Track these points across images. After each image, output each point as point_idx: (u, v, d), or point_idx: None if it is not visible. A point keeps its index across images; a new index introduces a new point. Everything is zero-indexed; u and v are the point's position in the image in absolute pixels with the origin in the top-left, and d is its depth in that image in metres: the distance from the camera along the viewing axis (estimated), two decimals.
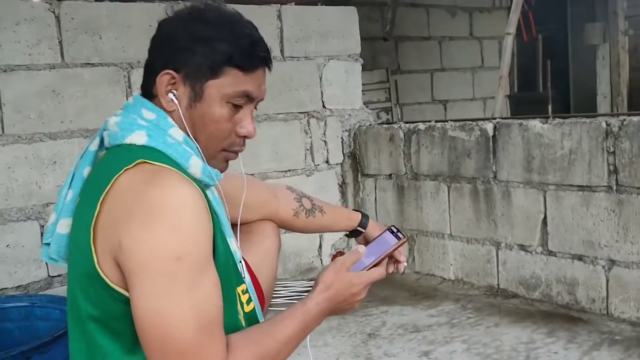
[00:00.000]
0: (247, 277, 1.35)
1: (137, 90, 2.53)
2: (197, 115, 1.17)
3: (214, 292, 1.07)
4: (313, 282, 1.25)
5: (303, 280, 2.88)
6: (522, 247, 2.52)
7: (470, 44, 5.58)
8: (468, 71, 5.56)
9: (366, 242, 1.50)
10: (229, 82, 1.16)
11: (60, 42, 2.36)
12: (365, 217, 1.58)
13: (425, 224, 2.85)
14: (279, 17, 2.91)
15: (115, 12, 2.46)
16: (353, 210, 1.63)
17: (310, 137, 3.03)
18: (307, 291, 2.57)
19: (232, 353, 1.07)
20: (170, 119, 1.17)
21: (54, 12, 2.34)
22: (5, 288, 2.26)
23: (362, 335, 2.27)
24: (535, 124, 2.41)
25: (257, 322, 1.32)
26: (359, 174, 3.13)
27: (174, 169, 1.09)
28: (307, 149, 3.02)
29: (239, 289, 1.28)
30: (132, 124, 1.15)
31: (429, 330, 2.27)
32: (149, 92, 1.19)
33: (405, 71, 5.12)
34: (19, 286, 2.29)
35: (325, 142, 3.07)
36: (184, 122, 1.17)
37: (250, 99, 1.20)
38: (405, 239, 1.34)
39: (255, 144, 2.80)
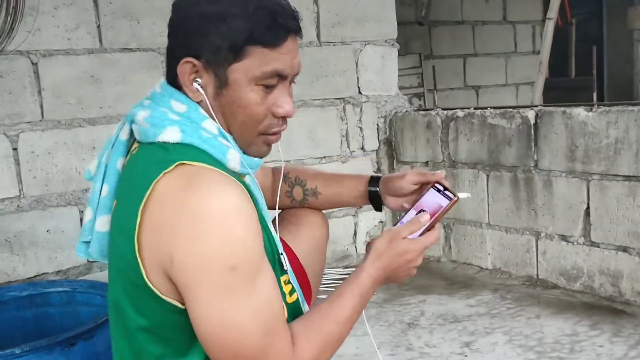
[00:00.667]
0: (289, 267, 1.33)
1: None
2: (226, 102, 1.08)
3: (273, 290, 1.04)
4: (348, 269, 1.23)
5: (338, 267, 2.86)
6: (563, 238, 2.47)
7: (503, 28, 5.47)
8: (501, 56, 5.46)
9: (406, 203, 1.37)
10: (255, 63, 1.06)
11: (98, 26, 2.35)
12: (374, 179, 1.43)
13: (462, 212, 2.81)
14: (316, 1, 2.87)
15: None
16: (364, 175, 1.48)
17: (346, 124, 2.99)
18: (343, 279, 2.54)
19: (297, 346, 1.05)
20: (201, 110, 1.09)
21: None
22: (45, 273, 2.28)
23: (401, 324, 2.24)
24: (580, 112, 2.34)
25: (301, 313, 1.30)
26: (395, 161, 3.09)
27: (214, 167, 1.03)
28: (343, 136, 2.99)
29: (282, 279, 1.25)
30: (162, 118, 1.07)
31: (469, 321, 2.24)
32: (174, 81, 1.10)
33: (437, 56, 5.05)
34: (59, 271, 2.30)
35: (360, 128, 3.04)
36: (212, 112, 1.09)
37: (282, 77, 1.09)
38: (456, 198, 1.22)
39: (291, 130, 2.75)
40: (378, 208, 1.45)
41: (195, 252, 0.97)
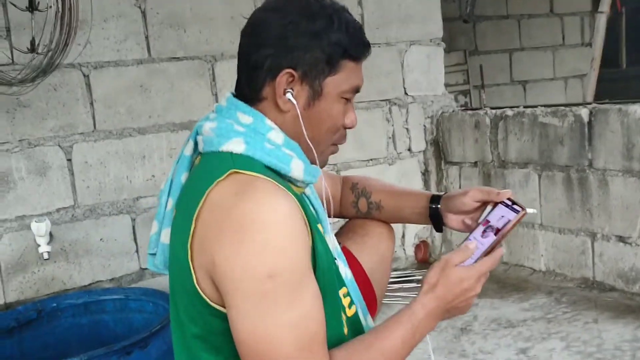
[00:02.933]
0: (348, 277, 1.31)
1: (221, 83, 2.55)
2: (315, 112, 1.13)
3: (315, 307, 1.02)
4: (397, 272, 1.21)
5: None
6: (621, 239, 2.39)
7: (550, 21, 5.34)
8: (548, 50, 5.32)
9: (473, 221, 1.31)
10: (345, 76, 1.13)
11: (146, 37, 2.38)
12: (436, 197, 1.38)
13: None
14: (360, 3, 2.85)
15: (198, 5, 2.46)
16: (426, 192, 1.44)
17: (392, 125, 2.96)
18: (395, 282, 2.49)
19: None
20: (268, 121, 1.13)
21: (140, 7, 2.37)
22: (100, 281, 2.32)
23: (453, 330, 2.21)
24: (636, 109, 2.26)
25: (361, 326, 1.28)
26: (443, 162, 3.05)
27: (269, 178, 1.04)
28: (389, 137, 2.96)
29: (340, 293, 1.24)
30: (228, 130, 1.11)
31: (524, 326, 2.19)
32: (251, 94, 1.14)
33: (482, 52, 4.96)
34: (112, 279, 2.35)
35: (407, 129, 3.01)
36: (301, 121, 1.12)
37: (357, 91, 1.18)
38: (524, 212, 1.15)
39: None
40: (438, 228, 1.40)
41: (235, 257, 0.97)
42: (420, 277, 2.76)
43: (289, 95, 1.11)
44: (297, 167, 1.11)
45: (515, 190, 2.72)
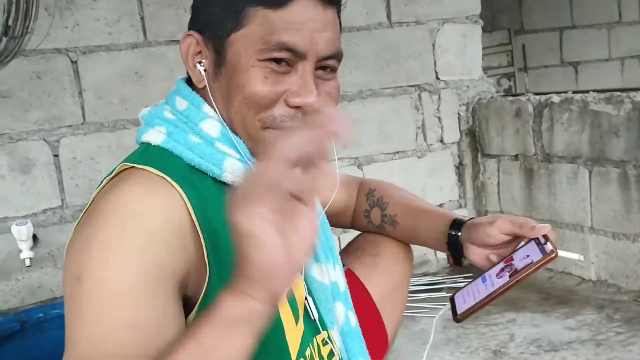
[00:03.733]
0: (339, 325, 1.05)
1: None
2: (224, 84, 0.87)
3: (122, 335, 0.74)
4: (426, 277, 0.94)
5: (416, 275, 2.56)
6: None
7: None
8: (603, 27, 4.88)
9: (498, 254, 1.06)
10: (257, 30, 0.83)
11: (142, 18, 2.15)
12: (457, 224, 1.11)
13: (559, 213, 2.42)
14: None
15: None
16: (450, 214, 1.16)
17: (422, 114, 2.66)
18: (422, 290, 2.15)
19: None
20: (206, 108, 0.89)
21: None
22: None
23: (485, 352, 1.92)
24: None
25: None
26: (479, 154, 2.73)
27: (162, 173, 0.80)
28: (419, 127, 2.66)
29: (319, 338, 0.97)
30: (156, 116, 0.91)
31: (569, 349, 1.88)
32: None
33: (529, 31, 4.56)
34: None
35: (439, 118, 2.69)
36: (212, 100, 0.88)
37: (297, 54, 0.84)
38: (553, 255, 0.91)
39: (359, 123, 2.49)
40: (457, 261, 1.12)
41: (68, 251, 0.80)
42: (451, 285, 2.47)
43: (199, 67, 0.89)
44: (232, 168, 0.86)
45: (561, 188, 2.39)
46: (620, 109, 2.14)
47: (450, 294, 1.03)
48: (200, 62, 0.90)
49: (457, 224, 1.11)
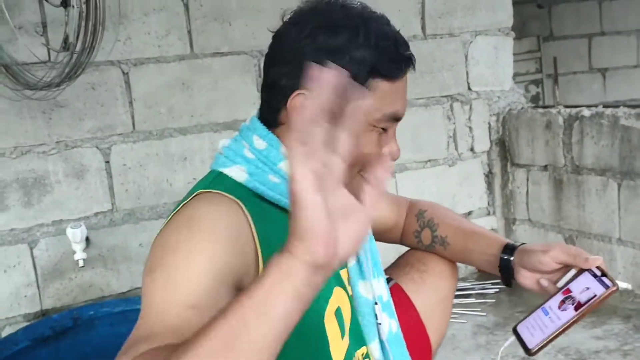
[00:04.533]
0: (393, 331, 1.13)
1: None
2: None
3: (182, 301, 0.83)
4: (470, 284, 1.02)
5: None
6: None
7: (635, 2, 4.89)
8: (632, 34, 4.89)
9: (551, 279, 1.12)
10: (377, 102, 0.95)
11: (189, 31, 2.24)
12: (510, 247, 1.19)
13: (588, 224, 2.48)
14: None
15: None
16: (501, 238, 1.24)
17: (454, 123, 2.73)
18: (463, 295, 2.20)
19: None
20: (283, 149, 0.95)
21: (182, 0, 2.22)
22: (139, 288, 2.23)
23: (514, 358, 2.00)
24: None
25: None
26: (508, 164, 2.80)
27: (229, 195, 0.93)
28: (450, 136, 2.74)
29: (359, 353, 1.05)
30: (237, 153, 1.00)
31: (596, 359, 1.95)
32: (269, 116, 1.01)
33: (559, 37, 4.60)
34: None
35: (470, 128, 2.77)
36: None
37: (396, 120, 1.00)
38: (615, 287, 0.99)
39: None
40: (507, 282, 1.20)
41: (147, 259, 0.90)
42: (480, 291, 2.55)
43: None
44: None
45: (590, 199, 2.45)
46: None
47: (513, 326, 1.09)
48: None
49: (509, 248, 1.19)
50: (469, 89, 2.74)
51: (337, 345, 1.01)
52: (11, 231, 2.06)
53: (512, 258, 1.17)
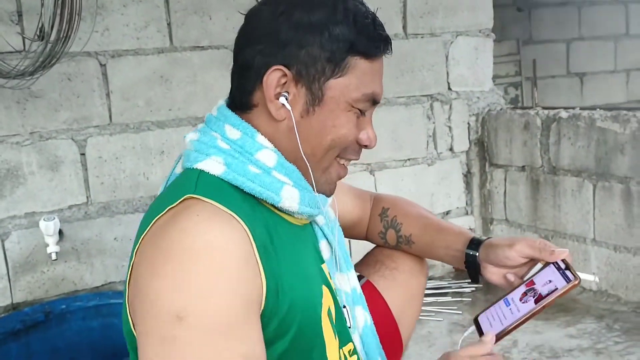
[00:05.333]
0: (368, 323, 1.13)
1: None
2: (316, 121, 0.94)
3: None
4: (432, 282, 1.03)
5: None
6: None
7: (613, 9, 4.96)
8: (610, 40, 4.96)
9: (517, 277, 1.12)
10: (356, 79, 0.93)
11: (169, 24, 2.22)
12: (475, 241, 1.18)
13: (563, 224, 2.51)
14: None
15: None
16: (467, 232, 1.23)
17: (434, 123, 2.74)
18: (428, 294, 2.23)
19: None
20: (260, 138, 0.94)
21: None
22: (113, 282, 2.20)
23: None
24: None
25: None
26: (487, 164, 2.81)
27: (225, 207, 0.85)
28: (430, 136, 2.74)
29: (345, 350, 1.04)
30: (209, 145, 0.94)
31: (569, 357, 1.97)
32: (241, 99, 0.96)
33: (538, 41, 4.64)
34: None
35: (449, 127, 2.78)
36: (296, 133, 0.93)
37: (374, 102, 0.98)
38: (577, 281, 0.98)
39: None
40: (474, 278, 1.19)
41: (147, 292, 0.81)
42: (457, 290, 2.55)
43: (282, 100, 0.93)
44: (289, 196, 0.93)
45: (566, 200, 2.47)
46: (626, 127, 2.22)
47: (475, 315, 1.09)
48: (285, 97, 0.93)
49: (474, 243, 1.18)
50: (449, 89, 2.76)
51: (333, 347, 1.00)
52: None
53: (477, 254, 1.16)
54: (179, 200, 0.86)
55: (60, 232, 2.07)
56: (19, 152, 2.04)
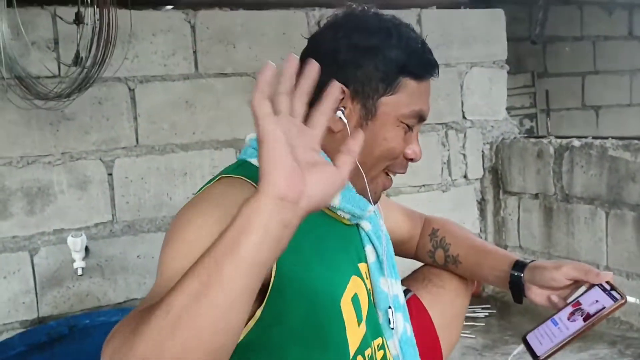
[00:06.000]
0: (408, 333, 1.18)
1: None
2: (368, 135, 1.00)
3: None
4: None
5: None
6: None
7: (628, 44, 5.03)
8: (625, 74, 5.01)
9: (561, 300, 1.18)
10: (405, 98, 1.04)
11: (194, 52, 2.33)
12: (520, 265, 1.23)
13: (576, 251, 2.54)
14: (419, 21, 2.72)
15: (249, 20, 2.39)
16: (511, 255, 1.29)
17: (448, 150, 2.81)
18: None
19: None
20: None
21: (189, 22, 2.32)
22: (135, 299, 2.27)
23: None
24: None
25: None
26: (501, 191, 2.87)
27: (250, 181, 0.97)
28: (444, 163, 2.81)
29: (375, 343, 1.10)
30: None
31: None
32: None
33: (553, 74, 4.71)
34: None
35: (464, 155, 2.84)
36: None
37: (421, 120, 1.08)
38: (623, 300, 1.02)
39: None
40: (518, 298, 1.24)
41: (172, 224, 0.97)
42: (471, 314, 2.58)
43: (339, 114, 1.03)
44: None
45: (579, 227, 2.51)
46: (638, 155, 2.27)
47: (523, 335, 1.14)
48: (342, 111, 1.03)
49: (519, 265, 1.24)
50: (464, 117, 2.83)
51: (354, 330, 1.05)
52: (13, 238, 2.11)
53: (522, 275, 1.22)
54: (216, 179, 1.00)
55: (87, 249, 2.15)
56: (51, 171, 2.14)
